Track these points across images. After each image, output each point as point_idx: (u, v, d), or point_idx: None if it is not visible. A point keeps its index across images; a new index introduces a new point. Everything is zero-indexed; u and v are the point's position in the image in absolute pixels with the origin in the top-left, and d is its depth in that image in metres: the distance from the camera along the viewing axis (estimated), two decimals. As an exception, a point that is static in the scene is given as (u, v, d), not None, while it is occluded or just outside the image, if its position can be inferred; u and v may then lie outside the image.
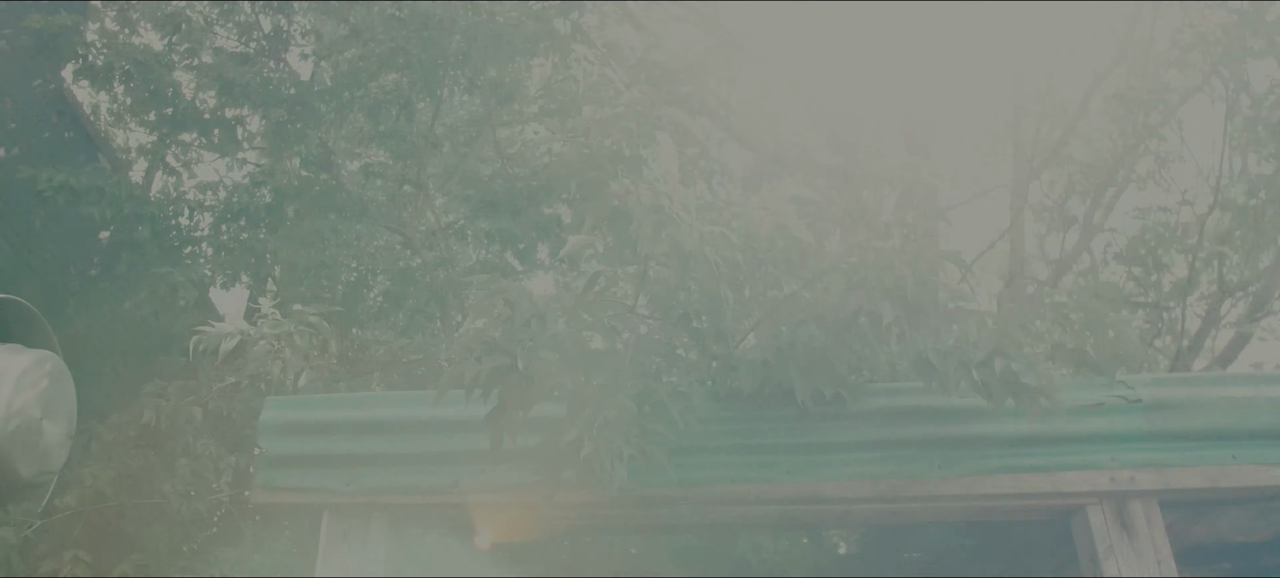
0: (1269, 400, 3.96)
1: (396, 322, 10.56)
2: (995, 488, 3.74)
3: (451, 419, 3.67)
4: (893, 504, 3.71)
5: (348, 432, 3.74)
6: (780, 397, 3.50)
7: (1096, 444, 3.84)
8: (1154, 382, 4.01)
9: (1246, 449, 3.89)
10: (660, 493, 3.58)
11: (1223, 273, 10.75)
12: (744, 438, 3.66)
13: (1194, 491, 3.85)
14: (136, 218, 7.95)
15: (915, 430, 3.75)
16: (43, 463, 6.09)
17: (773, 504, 3.65)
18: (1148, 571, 3.68)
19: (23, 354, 6.11)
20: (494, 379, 2.94)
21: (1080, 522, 3.81)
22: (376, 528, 3.62)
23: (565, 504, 3.56)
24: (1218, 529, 5.57)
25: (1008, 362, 3.32)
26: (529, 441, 3.38)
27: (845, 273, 3.17)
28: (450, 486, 3.64)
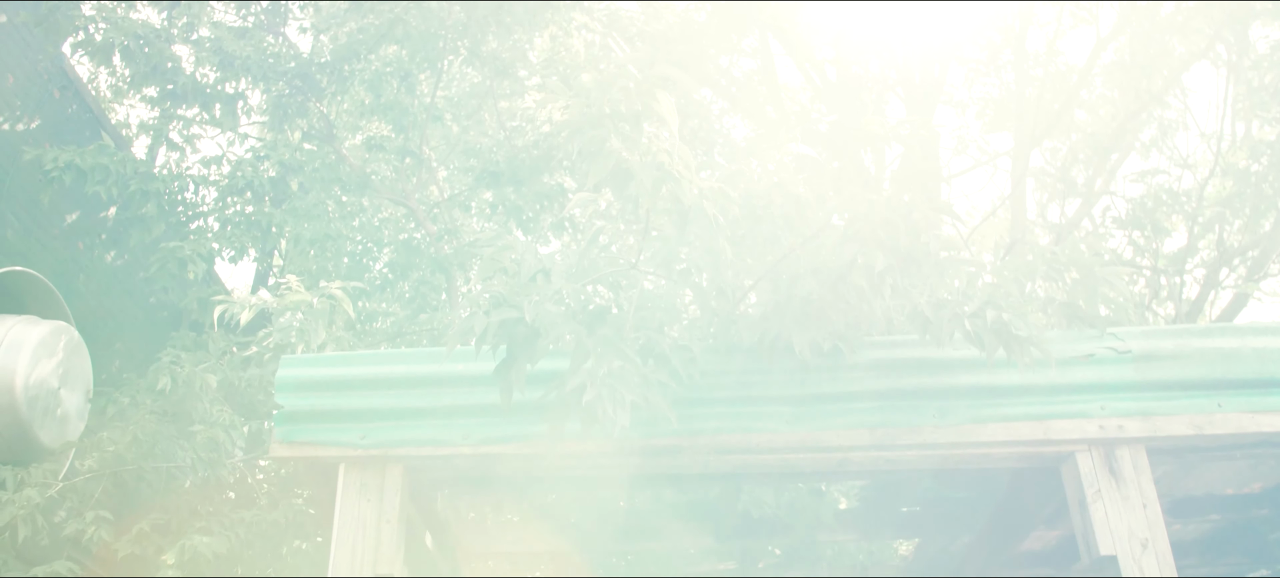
0: (1254, 351, 4.07)
1: (401, 294, 10.70)
2: (988, 436, 3.86)
3: (460, 374, 3.80)
4: (889, 452, 3.83)
5: (362, 388, 3.87)
6: (779, 349, 3.62)
7: (1086, 394, 3.96)
8: (1143, 333, 4.12)
9: (1232, 398, 4.01)
10: (663, 443, 3.71)
11: (1223, 238, 10.84)
12: (744, 389, 3.79)
13: (1180, 438, 3.95)
14: (143, 195, 8.06)
15: (911, 381, 3.88)
16: (62, 430, 6.25)
17: (773, 453, 3.78)
18: (1134, 515, 3.80)
19: (39, 325, 6.25)
20: (502, 332, 3.05)
21: (1070, 468, 3.93)
22: (391, 480, 3.76)
23: (570, 454, 3.70)
24: (1207, 481, 5.70)
25: (1000, 313, 3.43)
26: (535, 393, 3.52)
27: (842, 226, 3.27)
28: (461, 438, 3.77)
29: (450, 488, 4.78)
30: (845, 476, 4.78)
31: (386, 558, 3.66)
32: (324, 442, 3.80)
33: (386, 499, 3.73)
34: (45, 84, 7.92)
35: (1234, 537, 6.53)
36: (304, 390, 3.89)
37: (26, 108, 7.62)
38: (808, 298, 3.46)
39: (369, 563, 3.65)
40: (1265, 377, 4.04)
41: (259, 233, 8.73)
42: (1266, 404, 4.01)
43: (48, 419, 6.12)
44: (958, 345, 3.65)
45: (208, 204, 8.75)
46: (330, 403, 3.85)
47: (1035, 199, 12.35)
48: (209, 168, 8.83)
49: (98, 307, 8.16)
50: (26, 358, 5.99)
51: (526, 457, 3.77)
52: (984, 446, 3.90)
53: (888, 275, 3.18)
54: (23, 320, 6.25)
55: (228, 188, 8.67)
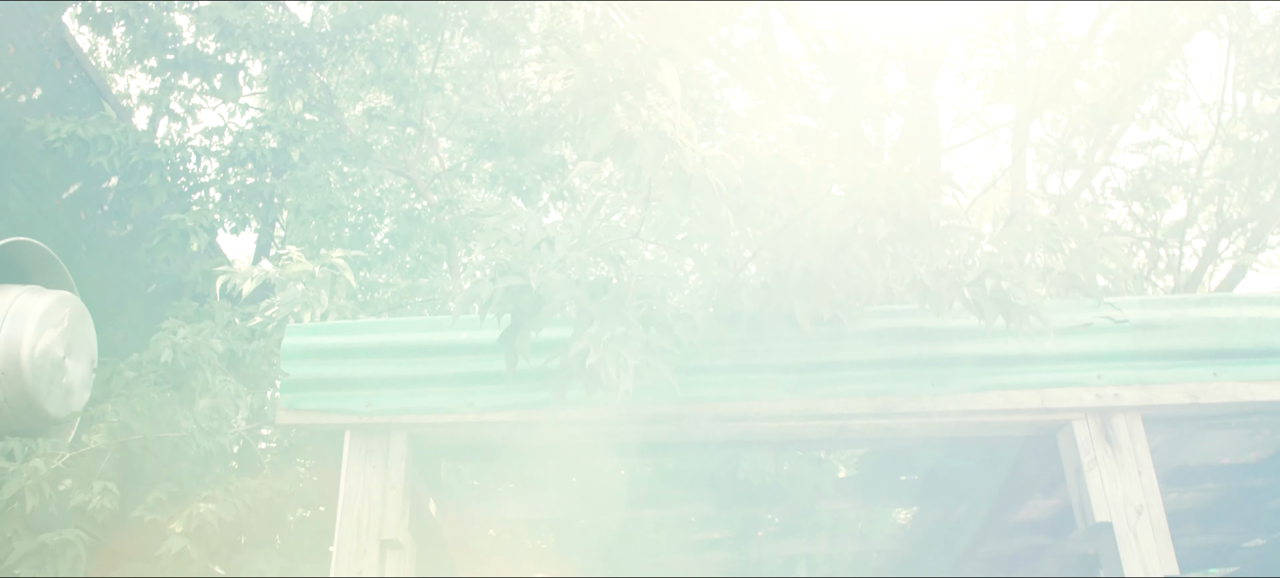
0: (1250, 321, 4.11)
1: (403, 264, 10.73)
2: (986, 404, 3.91)
3: (465, 343, 3.85)
4: (888, 420, 3.88)
5: (366, 356, 3.91)
6: (780, 318, 3.66)
7: (1083, 362, 4.00)
8: (1140, 303, 4.16)
9: (1227, 367, 4.05)
10: (665, 410, 3.76)
11: (1222, 210, 10.86)
12: (745, 357, 3.84)
13: (1176, 406, 4.00)
14: (145, 165, 8.08)
15: (910, 349, 3.92)
16: (67, 400, 6.29)
17: (774, 421, 3.83)
18: (1129, 482, 3.85)
19: (43, 295, 6.27)
20: (508, 299, 3.09)
21: (1066, 436, 3.98)
22: (396, 447, 3.81)
23: (573, 421, 3.75)
24: (1204, 451, 5.76)
25: (999, 282, 3.46)
26: (538, 361, 3.56)
27: (842, 195, 3.30)
28: (465, 406, 3.82)
29: (454, 456, 4.83)
30: (844, 444, 4.82)
31: (392, 524, 3.72)
32: (329, 409, 3.85)
33: (391, 466, 3.78)
34: (46, 54, 7.92)
35: (1231, 506, 6.60)
36: (309, 359, 3.93)
37: (28, 78, 7.62)
38: (808, 267, 3.49)
39: (375, 529, 3.71)
40: (1261, 346, 4.08)
41: (261, 204, 8.76)
42: (1262, 373, 4.05)
43: (53, 389, 6.16)
44: (957, 314, 3.69)
45: (209, 174, 8.77)
46: (335, 371, 3.89)
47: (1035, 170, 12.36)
48: (211, 139, 8.85)
49: (100, 278, 8.19)
50: (32, 328, 6.01)
51: (530, 424, 3.82)
52: (982, 414, 3.94)
53: (888, 245, 3.22)
54: (27, 291, 6.28)
55: (229, 158, 8.69)
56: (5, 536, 5.15)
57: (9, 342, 5.95)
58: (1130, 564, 3.75)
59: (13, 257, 6.38)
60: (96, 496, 5.28)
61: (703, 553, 6.72)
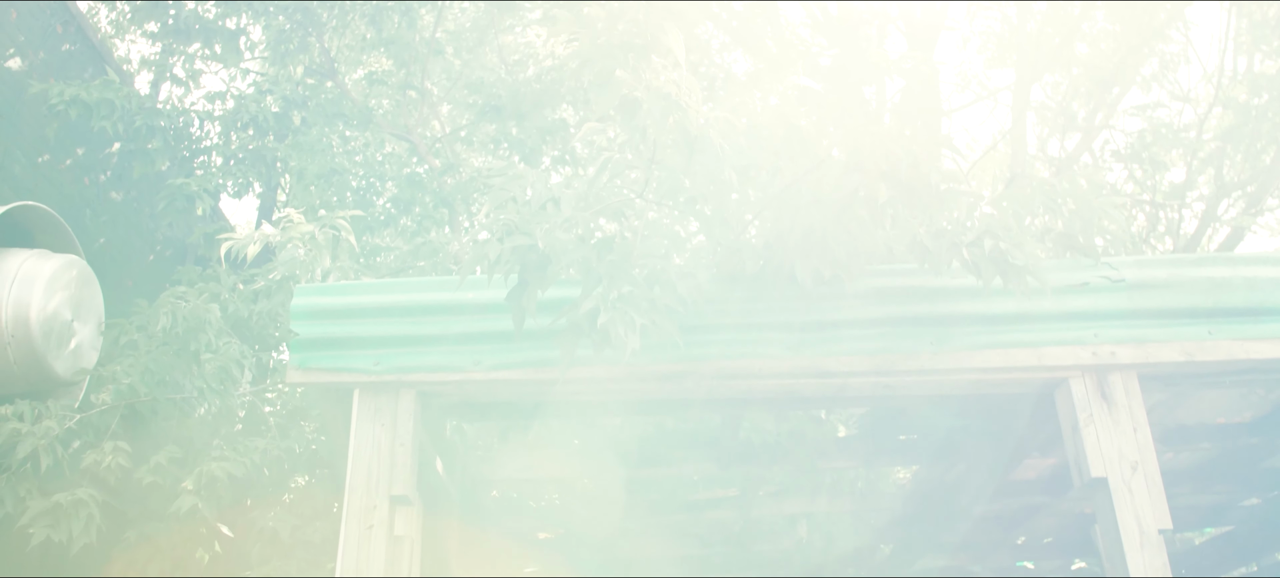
0: (1245, 280, 4.16)
1: (405, 229, 10.78)
2: (984, 362, 3.98)
3: (472, 302, 3.91)
4: (888, 378, 3.95)
5: (374, 315, 3.98)
6: (782, 278, 3.72)
7: (1080, 321, 4.06)
8: (1137, 262, 4.22)
9: (1222, 326, 4.11)
10: (669, 368, 3.82)
11: (1222, 173, 10.90)
12: (748, 316, 3.90)
13: (1171, 364, 4.06)
14: (149, 130, 8.11)
15: (909, 309, 3.99)
16: (76, 362, 6.36)
17: (776, 378, 3.90)
18: (1124, 438, 3.92)
19: (50, 259, 6.32)
20: (515, 259, 3.15)
21: (1063, 394, 4.04)
22: (404, 405, 3.87)
23: (579, 380, 3.82)
24: (1200, 411, 5.82)
25: (997, 242, 3.52)
26: (544, 320, 3.62)
27: (843, 157, 3.35)
28: (472, 364, 3.88)
29: (460, 415, 4.90)
30: (845, 402, 4.90)
31: (401, 480, 3.79)
32: (339, 368, 3.92)
33: (400, 424, 3.85)
34: (47, 19, 7.92)
35: (1225, 465, 6.68)
36: (318, 319, 3.99)
37: (30, 42, 7.63)
38: (810, 228, 3.55)
39: (384, 485, 3.78)
40: (1255, 305, 4.14)
41: (263, 168, 8.79)
42: (1256, 332, 4.11)
43: (62, 351, 6.22)
44: (956, 274, 3.75)
45: (212, 139, 8.80)
46: (344, 330, 3.96)
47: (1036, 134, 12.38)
48: (213, 103, 8.87)
49: (104, 241, 8.24)
50: (40, 291, 6.06)
51: (537, 382, 3.89)
52: (980, 372, 4.01)
53: (888, 206, 3.27)
54: (34, 254, 6.32)
55: (232, 123, 8.72)
56: (19, 495, 5.22)
57: (17, 305, 6.00)
58: (1125, 519, 3.82)
59: (19, 220, 6.42)
60: (108, 456, 5.35)
61: (704, 512, 6.81)
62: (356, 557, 3.68)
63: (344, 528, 3.74)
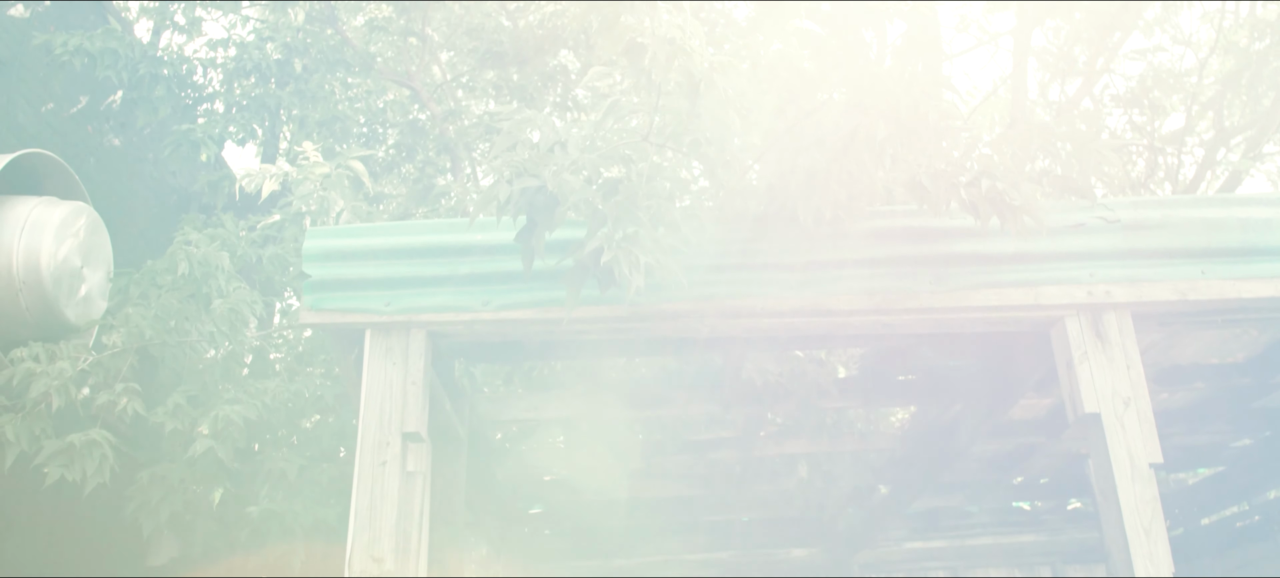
0: (1238, 221, 4.24)
1: (407, 176, 10.82)
2: (981, 301, 4.07)
3: (481, 244, 3.99)
4: (887, 316, 4.04)
5: (385, 257, 4.06)
6: (784, 218, 3.80)
7: (1076, 261, 4.14)
8: (1132, 203, 4.29)
9: (1215, 266, 4.19)
10: (673, 307, 3.92)
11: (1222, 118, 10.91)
12: (751, 256, 3.98)
13: (1165, 303, 4.15)
14: (152, 78, 8.14)
15: (908, 249, 4.07)
16: (86, 309, 6.44)
17: (778, 317, 3.99)
18: (1118, 375, 4.02)
19: (59, 206, 6.38)
20: (523, 200, 3.22)
21: (1058, 333, 4.13)
22: (415, 344, 3.97)
23: (586, 319, 3.91)
24: (1193, 351, 5.93)
25: (994, 182, 3.59)
26: (552, 261, 3.71)
27: (845, 99, 3.41)
28: (481, 305, 3.98)
29: (468, 355, 4.99)
30: (845, 340, 4.99)
31: (413, 418, 3.89)
32: (350, 309, 4.01)
33: (411, 363, 3.95)
34: (46, -33, 7.92)
35: (1218, 405, 6.80)
36: (329, 260, 4.07)
37: (31, -9, 7.64)
38: (812, 169, 3.61)
39: (396, 422, 3.88)
40: (1248, 245, 4.22)
41: (266, 115, 8.83)
42: (1248, 272, 4.19)
43: (72, 298, 6.30)
44: (954, 214, 3.82)
45: (214, 86, 8.82)
46: (355, 272, 4.04)
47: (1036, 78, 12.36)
48: (215, 50, 8.88)
49: (108, 189, 8.29)
50: (50, 238, 6.12)
51: (543, 322, 3.98)
52: (977, 311, 4.10)
53: (888, 147, 3.33)
54: (42, 201, 6.37)
55: (234, 71, 8.74)
56: (33, 434, 5.31)
57: (28, 252, 6.06)
58: (1117, 453, 3.93)
59: (26, 168, 6.46)
60: (120, 398, 5.45)
61: (707, 452, 6.94)
62: (371, 492, 3.79)
63: (358, 464, 3.84)
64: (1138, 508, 3.84)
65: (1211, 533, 9.27)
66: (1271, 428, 7.26)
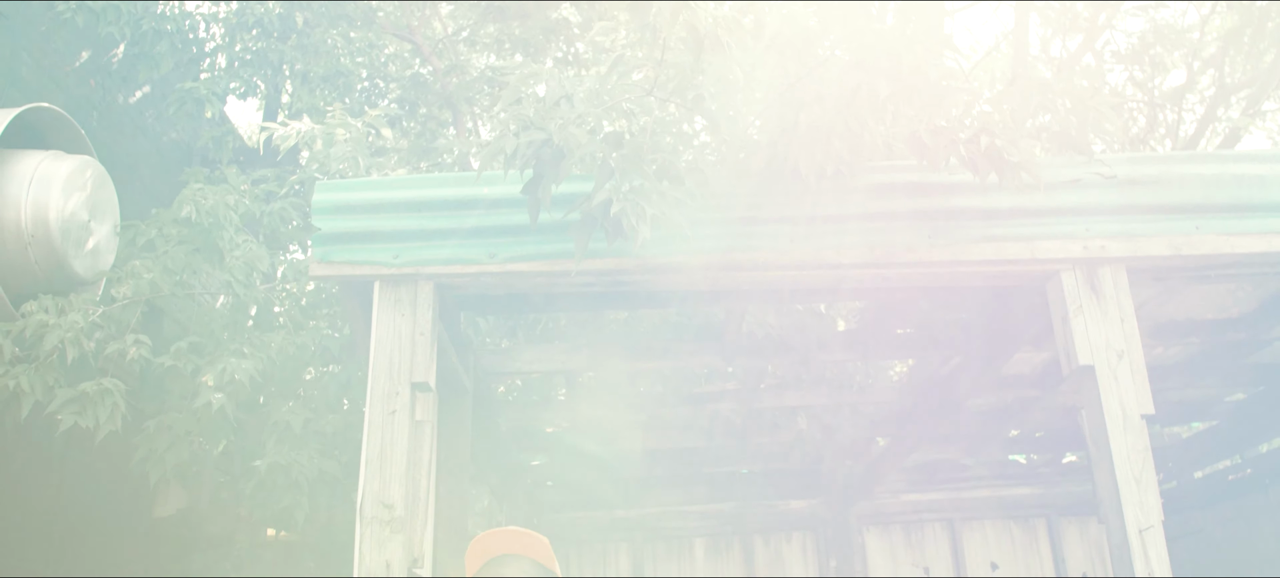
0: (1233, 177, 4.30)
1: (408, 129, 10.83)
2: (978, 255, 4.14)
3: (487, 197, 4.06)
4: (886, 269, 4.12)
5: (394, 210, 4.12)
6: (786, 173, 3.85)
7: (1073, 217, 4.21)
8: (1129, 160, 4.35)
9: (1209, 221, 4.26)
10: (678, 260, 3.99)
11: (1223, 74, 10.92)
12: (753, 210, 4.05)
13: (1159, 258, 4.22)
14: (155, 34, 8.15)
15: (907, 204, 4.14)
16: (94, 262, 6.49)
17: (779, 270, 4.07)
18: (1112, 328, 4.10)
19: (65, 160, 6.42)
20: (531, 153, 3.28)
21: (1054, 287, 4.21)
22: (423, 296, 4.05)
23: (592, 271, 3.98)
24: (1188, 307, 6.00)
25: (993, 138, 3.64)
26: (558, 214, 3.78)
27: (847, 55, 3.46)
28: (487, 257, 4.05)
29: (474, 307, 5.07)
30: (845, 293, 5.07)
31: (421, 368, 3.98)
32: (359, 261, 4.08)
33: (419, 314, 4.02)
34: (44, -80, 7.90)
35: (1213, 360, 6.88)
36: (339, 214, 4.14)
37: (32, -55, 7.63)
38: (813, 124, 3.67)
39: (405, 372, 3.97)
40: (1241, 201, 4.28)
41: (268, 70, 8.84)
42: (1241, 227, 4.26)
43: (81, 251, 6.35)
44: (953, 170, 3.88)
45: (216, 40, 8.83)
46: (364, 225, 4.11)
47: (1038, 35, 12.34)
48: (217, 5, 8.88)
49: (111, 144, 8.33)
50: (58, 192, 6.15)
51: (549, 274, 4.06)
52: (975, 264, 4.17)
53: (889, 103, 3.39)
54: (49, 155, 6.40)
55: (236, 25, 8.74)
56: (47, 384, 5.40)
57: (36, 206, 6.09)
58: (1110, 404, 4.02)
59: (32, 122, 6.49)
60: (129, 348, 5.54)
61: (707, 404, 7.03)
62: (381, 440, 3.89)
63: (368, 413, 3.93)
64: (1129, 457, 3.94)
65: (1204, 485, 9.41)
66: (1265, 383, 7.36)
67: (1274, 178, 4.29)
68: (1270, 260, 4.31)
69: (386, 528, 3.76)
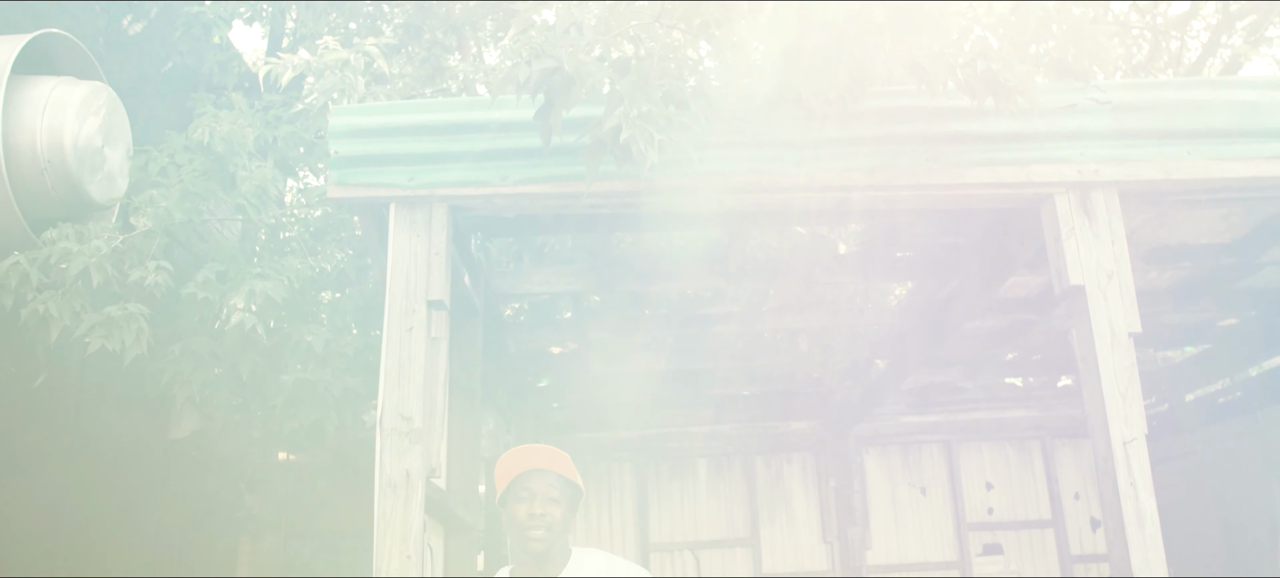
0: (1225, 103, 4.41)
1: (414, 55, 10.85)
2: (975, 178, 4.27)
3: (500, 121, 4.18)
4: (886, 192, 4.25)
5: (408, 134, 4.25)
6: (789, 98, 3.97)
7: (1067, 141, 4.33)
8: (1124, 86, 4.45)
9: (1200, 146, 4.38)
10: (685, 182, 4.13)
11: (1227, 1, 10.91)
12: (757, 134, 4.18)
13: (1151, 182, 4.34)
14: (162, -41, 8.18)
15: (907, 128, 4.26)
16: (109, 187, 6.61)
17: (782, 192, 4.21)
18: (1103, 250, 4.24)
19: (78, 86, 6.50)
20: (542, 80, 3.40)
21: (1048, 209, 4.34)
22: (437, 218, 4.19)
23: (600, 193, 4.12)
24: (1181, 232, 6.13)
25: (989, 63, 3.75)
26: (567, 138, 3.90)
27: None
28: (499, 179, 4.19)
29: (485, 229, 5.22)
30: (845, 215, 5.20)
31: (436, 286, 4.14)
32: (375, 183, 4.22)
33: (434, 235, 4.17)
34: None
35: (1205, 285, 7.02)
36: (355, 137, 4.27)
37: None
38: (816, 50, 3.77)
39: (421, 290, 4.13)
40: (1233, 127, 4.39)
41: (273, -6, 8.88)
42: (1231, 152, 4.38)
43: (96, 176, 6.45)
44: (951, 95, 3.99)
45: (223, -36, 8.85)
46: (380, 148, 4.24)
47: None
48: (222, -70, 8.88)
49: (119, 70, 8.39)
50: (72, 118, 6.23)
51: (559, 196, 4.20)
52: (971, 187, 4.31)
53: (889, 30, 3.49)
54: (62, 82, 6.47)
55: (241, -49, 8.77)
56: (74, 309, 5.55)
57: (52, 132, 6.17)
58: (1099, 323, 4.17)
59: (44, 49, 6.56)
60: (151, 273, 5.67)
61: (710, 326, 7.19)
62: (399, 355, 4.06)
63: (386, 330, 4.09)
64: (1116, 374, 4.10)
65: (1195, 408, 9.63)
66: (1256, 308, 7.51)
67: (1265, 104, 4.40)
68: (1259, 185, 4.44)
69: (405, 439, 3.95)
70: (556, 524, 3.18)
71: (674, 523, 10.13)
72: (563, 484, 3.23)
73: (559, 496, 3.21)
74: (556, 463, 3.23)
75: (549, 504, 3.18)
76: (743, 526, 10.15)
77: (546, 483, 3.20)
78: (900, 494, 10.30)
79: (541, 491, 3.19)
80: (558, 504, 3.20)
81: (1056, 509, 10.18)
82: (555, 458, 3.23)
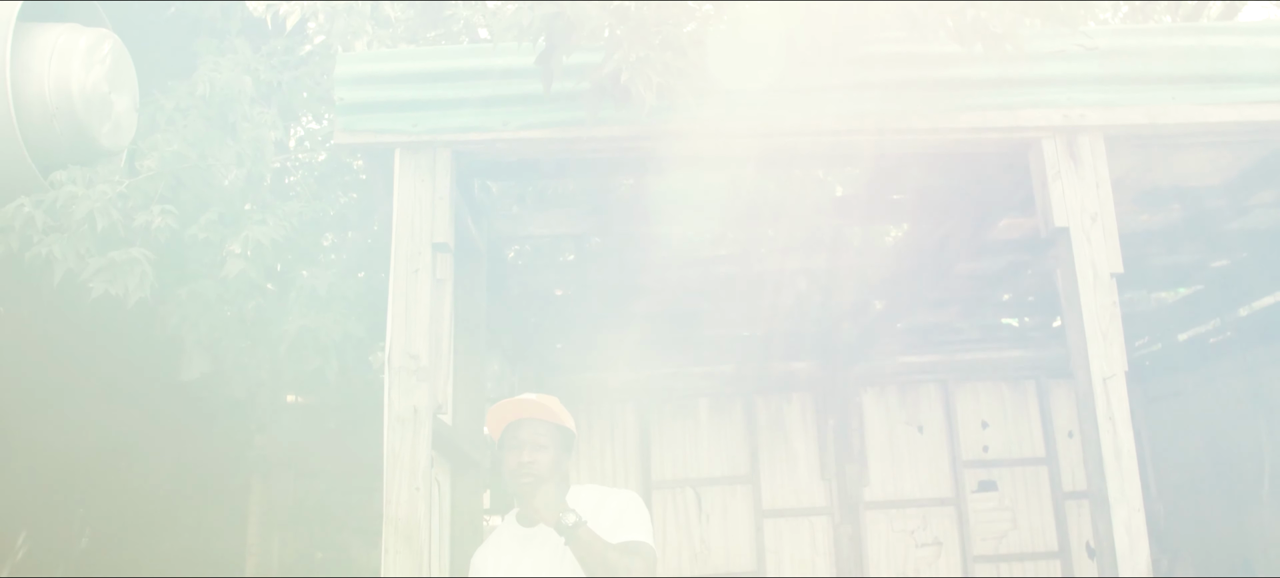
0: (1209, 48, 4.51)
1: (415, 1, 10.86)
2: (965, 122, 4.39)
3: (502, 67, 4.29)
4: (879, 136, 4.37)
5: (413, 80, 4.36)
6: (784, 44, 4.08)
7: (1055, 86, 4.44)
8: (1111, 32, 4.55)
9: (1186, 92, 4.48)
10: (682, 127, 4.24)
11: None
12: (752, 80, 4.28)
13: (1136, 126, 4.45)
14: (159, -97, 8.17)
15: (899, 73, 4.37)
16: (117, 134, 6.69)
17: (778, 136, 4.34)
18: (1088, 193, 4.36)
19: (84, 32, 6.56)
20: (543, 25, 3.52)
21: (1036, 153, 4.46)
22: (441, 163, 4.31)
23: (600, 137, 4.24)
24: (1172, 173, 6.23)
25: (979, 11, 3.85)
26: (569, 84, 4.01)
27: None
28: (501, 125, 4.31)
29: (488, 173, 5.34)
30: (840, 159, 5.32)
31: (441, 229, 4.27)
32: (381, 129, 4.34)
33: (438, 180, 4.30)
34: None
35: (1194, 227, 7.13)
36: (360, 84, 4.38)
37: None
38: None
39: (426, 234, 4.26)
40: (1217, 73, 4.50)
41: (273, -60, 8.88)
42: (1216, 98, 4.48)
43: (104, 123, 6.52)
44: (942, 42, 4.09)
45: (220, -92, 8.85)
46: (385, 95, 4.35)
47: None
48: None
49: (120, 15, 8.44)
50: (79, 64, 6.29)
51: (560, 141, 4.32)
52: (962, 132, 4.42)
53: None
54: (68, 28, 6.52)
55: (239, -106, 8.75)
56: (80, 253, 5.66)
57: (59, 78, 6.23)
58: (1082, 264, 4.31)
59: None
60: (156, 217, 5.78)
61: (710, 267, 7.32)
62: (406, 297, 4.20)
63: (392, 272, 4.23)
64: (1097, 314, 4.24)
65: (1186, 348, 9.79)
66: (1247, 249, 7.63)
67: (1249, 50, 4.49)
68: (1244, 129, 4.54)
69: (413, 377, 4.10)
70: (544, 470, 3.36)
71: (676, 461, 10.34)
72: (550, 430, 3.40)
73: (547, 441, 3.38)
74: (542, 410, 3.40)
75: (537, 451, 3.36)
76: (743, 463, 10.36)
77: (533, 432, 3.38)
78: (897, 433, 10.50)
79: (528, 439, 3.37)
80: (545, 449, 3.38)
81: (1050, 447, 10.39)
82: (542, 406, 3.39)
